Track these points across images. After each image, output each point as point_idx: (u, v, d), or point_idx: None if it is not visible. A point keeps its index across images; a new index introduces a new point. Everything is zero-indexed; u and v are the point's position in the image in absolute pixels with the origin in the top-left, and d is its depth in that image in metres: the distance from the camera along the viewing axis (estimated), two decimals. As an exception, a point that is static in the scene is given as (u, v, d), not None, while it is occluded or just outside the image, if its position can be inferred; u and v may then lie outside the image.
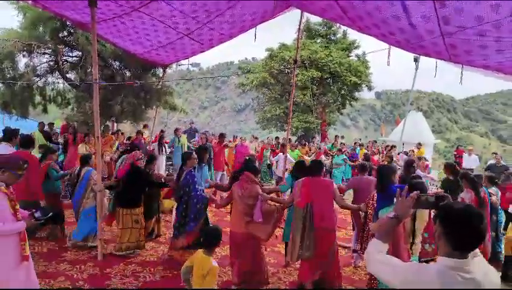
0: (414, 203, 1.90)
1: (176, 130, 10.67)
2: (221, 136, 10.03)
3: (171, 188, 5.61)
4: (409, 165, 6.16)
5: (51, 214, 3.21)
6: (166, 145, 10.46)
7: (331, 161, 11.87)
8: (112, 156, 8.64)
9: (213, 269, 3.09)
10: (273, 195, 5.46)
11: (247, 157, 6.25)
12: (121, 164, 5.86)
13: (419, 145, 13.33)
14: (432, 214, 4.50)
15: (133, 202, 5.30)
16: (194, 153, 5.47)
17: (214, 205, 5.43)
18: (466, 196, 5.02)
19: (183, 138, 10.77)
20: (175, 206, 5.47)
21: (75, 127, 10.58)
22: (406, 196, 1.91)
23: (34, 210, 3.23)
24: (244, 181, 4.44)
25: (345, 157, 11.36)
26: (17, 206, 3.07)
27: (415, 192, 1.94)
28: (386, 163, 8.57)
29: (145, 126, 12.42)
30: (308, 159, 10.68)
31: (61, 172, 6.19)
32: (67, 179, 6.56)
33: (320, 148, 12.70)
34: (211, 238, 3.22)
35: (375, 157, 11.74)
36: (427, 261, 4.45)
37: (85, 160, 5.80)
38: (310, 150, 12.76)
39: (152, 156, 6.19)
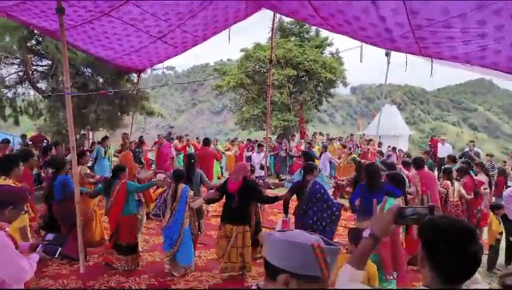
0: (395, 218, 1.41)
1: (104, 139, 9.90)
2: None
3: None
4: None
5: (59, 249, 2.68)
6: (88, 154, 8.19)
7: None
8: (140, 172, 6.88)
9: None
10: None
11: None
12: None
13: (370, 141, 13.84)
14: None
15: (247, 219, 4.93)
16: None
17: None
18: (483, 178, 5.80)
19: (111, 150, 10.02)
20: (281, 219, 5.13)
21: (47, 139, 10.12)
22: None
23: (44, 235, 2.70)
24: None
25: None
26: (19, 248, 2.58)
27: (396, 204, 1.47)
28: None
29: (125, 134, 11.32)
30: (230, 154, 12.47)
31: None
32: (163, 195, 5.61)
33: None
34: None
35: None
36: None
37: (180, 176, 5.26)
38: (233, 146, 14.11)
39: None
